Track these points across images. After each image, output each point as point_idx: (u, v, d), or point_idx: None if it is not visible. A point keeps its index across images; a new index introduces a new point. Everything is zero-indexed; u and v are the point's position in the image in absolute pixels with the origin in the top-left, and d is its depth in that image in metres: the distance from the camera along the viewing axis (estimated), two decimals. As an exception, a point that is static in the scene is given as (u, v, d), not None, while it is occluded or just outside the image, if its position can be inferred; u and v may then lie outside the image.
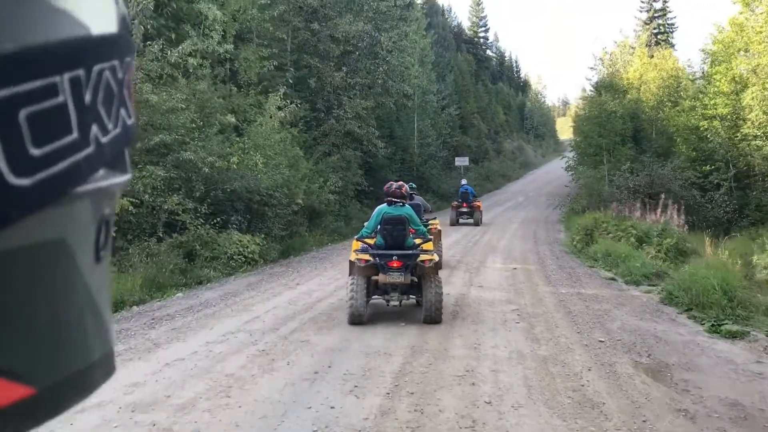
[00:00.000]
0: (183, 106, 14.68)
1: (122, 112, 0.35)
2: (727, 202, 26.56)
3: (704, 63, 31.59)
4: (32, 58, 0.28)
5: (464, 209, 25.55)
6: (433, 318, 8.34)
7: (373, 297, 8.74)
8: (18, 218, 0.27)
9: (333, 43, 27.14)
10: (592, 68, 50.01)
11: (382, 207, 8.77)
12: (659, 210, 22.46)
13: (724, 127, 30.90)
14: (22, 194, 0.27)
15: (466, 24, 79.23)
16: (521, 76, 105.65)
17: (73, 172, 0.30)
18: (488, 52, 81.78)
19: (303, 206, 20.44)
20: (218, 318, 9.26)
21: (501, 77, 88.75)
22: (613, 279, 13.20)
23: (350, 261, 8.68)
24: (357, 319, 8.34)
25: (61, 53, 0.29)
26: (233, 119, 17.77)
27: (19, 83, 0.27)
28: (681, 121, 32.93)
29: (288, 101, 19.92)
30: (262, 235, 16.48)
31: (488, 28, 79.35)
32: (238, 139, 16.15)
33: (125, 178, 0.37)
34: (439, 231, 14.03)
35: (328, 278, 13.08)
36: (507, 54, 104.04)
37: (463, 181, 27.32)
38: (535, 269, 14.40)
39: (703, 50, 31.50)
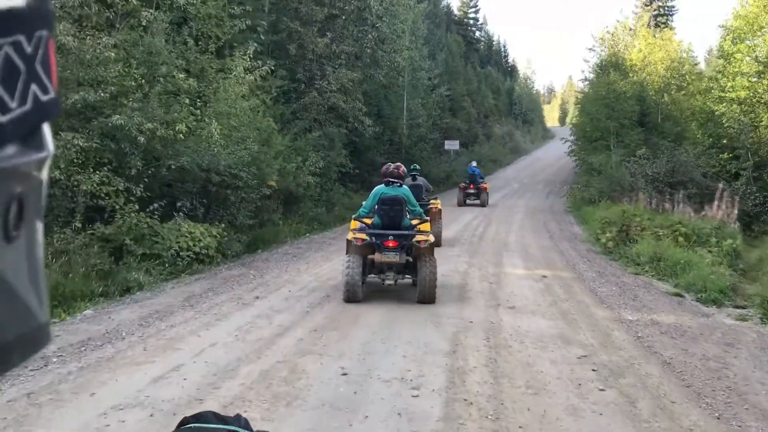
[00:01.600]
0: (114, 54, 10.93)
1: (33, 87, 0.33)
2: (756, 195, 23.20)
3: (724, 39, 28.01)
4: None
5: (471, 190, 25.28)
6: (427, 298, 8.24)
7: (369, 276, 8.60)
8: None
9: (316, 5, 23.33)
10: (590, 49, 46.46)
11: (380, 187, 8.71)
12: (679, 202, 19.09)
13: (743, 111, 27.58)
14: None
15: (455, 4, 75.35)
16: (509, 61, 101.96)
17: None
18: (478, 34, 77.93)
19: (277, 189, 16.79)
20: (113, 370, 5.61)
21: (489, 61, 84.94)
22: (678, 295, 9.71)
23: (347, 240, 8.61)
24: (353, 297, 8.23)
25: None
26: (194, 83, 14.04)
27: None
28: (695, 105, 29.56)
29: (259, 62, 16.18)
30: (223, 225, 12.86)
31: (478, 9, 75.50)
32: (188, 101, 12.43)
33: (41, 155, 0.34)
34: (440, 210, 14.08)
35: (300, 287, 9.47)
36: (495, 38, 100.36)
37: (473, 163, 27.01)
38: (571, 277, 10.88)
39: (723, 26, 27.94)
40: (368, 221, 8.62)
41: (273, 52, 22.34)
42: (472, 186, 25.40)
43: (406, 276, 8.53)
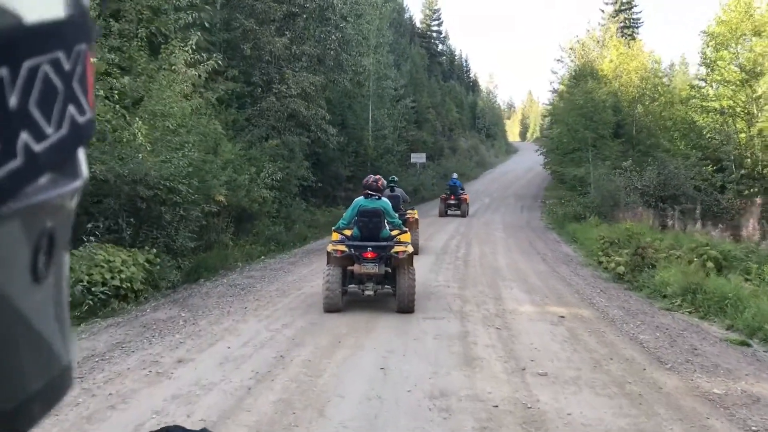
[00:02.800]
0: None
1: (71, 109, 0.30)
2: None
3: (707, 45, 26.23)
4: None
5: (452, 201, 25.63)
6: (406, 308, 8.22)
7: (349, 287, 8.44)
8: None
9: (274, 1, 20.72)
10: (558, 60, 44.81)
11: (359, 199, 8.65)
12: (675, 218, 16.97)
13: (726, 121, 25.81)
14: None
15: (418, 16, 73.42)
16: (471, 75, 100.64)
17: None
18: (441, 47, 76.03)
19: (226, 205, 14.10)
20: None
21: (452, 75, 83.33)
22: (744, 344, 7.30)
23: (327, 251, 8.52)
24: (332, 308, 8.22)
25: None
26: (125, 80, 11.32)
27: None
28: (677, 114, 27.73)
29: (204, 56, 13.50)
30: (155, 250, 10.15)
31: (441, 22, 73.54)
32: (103, 92, 9.71)
33: (76, 183, 0.32)
34: (417, 220, 14.00)
35: (243, 341, 6.78)
36: (457, 52, 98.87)
37: (454, 175, 27.60)
38: (595, 317, 8.40)
39: (705, 32, 26.15)
40: (348, 233, 8.51)
41: (226, 51, 19.67)
42: (453, 197, 25.70)
43: (386, 287, 8.42)
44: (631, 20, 51.62)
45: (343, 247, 8.24)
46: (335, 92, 27.80)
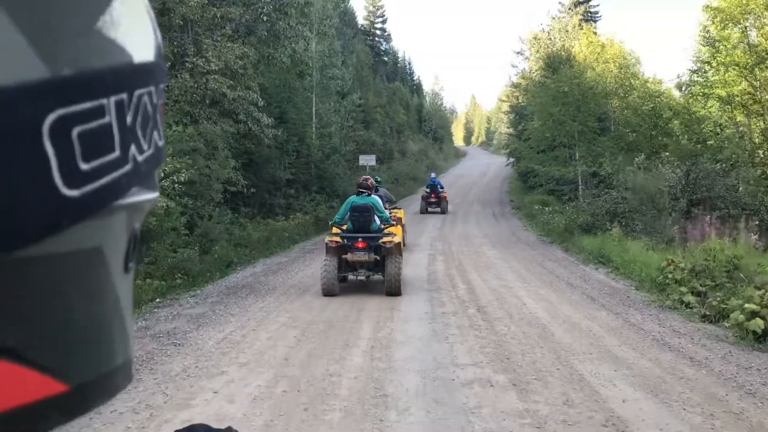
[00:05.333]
0: None
1: (155, 134, 0.36)
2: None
3: (712, 22, 21.86)
4: (86, 81, 0.30)
5: (432, 199, 25.82)
6: (393, 290, 9.05)
7: (344, 273, 9.44)
8: (68, 226, 0.29)
9: (187, -52, 15.19)
10: (518, 53, 40.37)
11: (352, 197, 9.47)
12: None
13: (732, 111, 21.50)
14: (71, 204, 0.29)
15: (361, 13, 68.14)
16: (415, 78, 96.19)
17: (114, 187, 0.31)
18: (385, 45, 71.02)
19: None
20: None
21: (396, 78, 78.60)
22: None
23: (325, 242, 9.26)
24: (330, 292, 9.00)
25: (109, 78, 0.32)
26: None
27: (74, 104, 0.29)
28: (677, 105, 23.30)
29: None
30: None
31: (386, 19, 68.36)
32: None
33: (154, 195, 0.38)
34: (400, 218, 13.81)
35: None
36: (401, 54, 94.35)
37: (432, 174, 28.11)
38: None
39: (707, 7, 21.77)
40: (344, 227, 9.23)
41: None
42: (433, 195, 25.87)
43: (377, 273, 9.27)
44: (589, 13, 47.70)
45: (338, 238, 9.07)
46: (271, 78, 22.38)
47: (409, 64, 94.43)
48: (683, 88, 23.51)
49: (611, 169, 18.33)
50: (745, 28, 21.49)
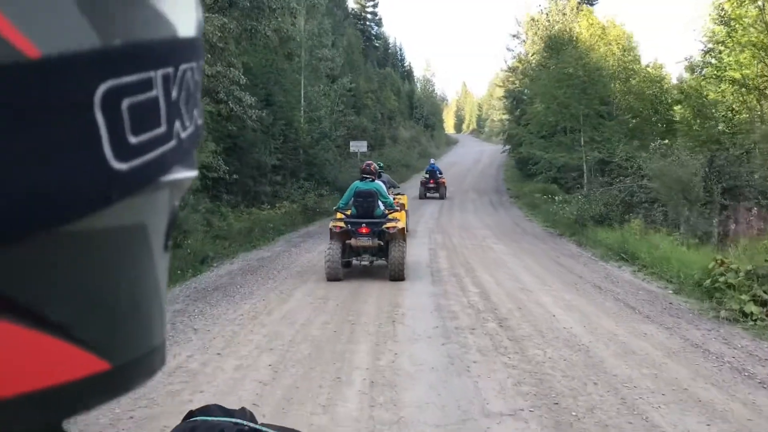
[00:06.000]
0: None
1: (196, 112, 0.35)
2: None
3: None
4: (136, 53, 0.29)
5: (431, 185, 25.88)
6: (397, 275, 8.91)
7: (348, 259, 9.32)
8: (116, 200, 0.29)
9: None
10: (515, 36, 38.68)
11: (356, 182, 9.32)
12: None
13: (753, 93, 19.99)
14: (120, 178, 0.28)
15: (352, -3, 66.01)
16: (406, 65, 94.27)
17: (160, 162, 0.31)
18: (377, 29, 69.00)
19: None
20: None
21: (386, 63, 76.69)
22: None
23: (330, 228, 9.22)
24: (334, 276, 8.91)
25: (158, 51, 0.31)
26: None
27: (123, 75, 0.28)
28: (687, 87, 21.72)
29: None
30: None
31: (377, 3, 66.35)
32: None
33: (194, 173, 0.36)
34: (403, 204, 12.84)
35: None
36: (392, 40, 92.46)
37: (432, 160, 28.52)
38: None
39: (724, -19, 20.17)
40: (348, 212, 9.13)
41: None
42: (432, 181, 25.96)
43: (381, 258, 9.17)
44: (587, -3, 46.04)
45: (342, 224, 8.98)
46: (257, 57, 20.67)
47: (400, 50, 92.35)
48: (695, 71, 21.88)
49: (626, 155, 16.72)
50: (763, 6, 19.95)
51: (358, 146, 32.87)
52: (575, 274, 10.03)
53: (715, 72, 21.05)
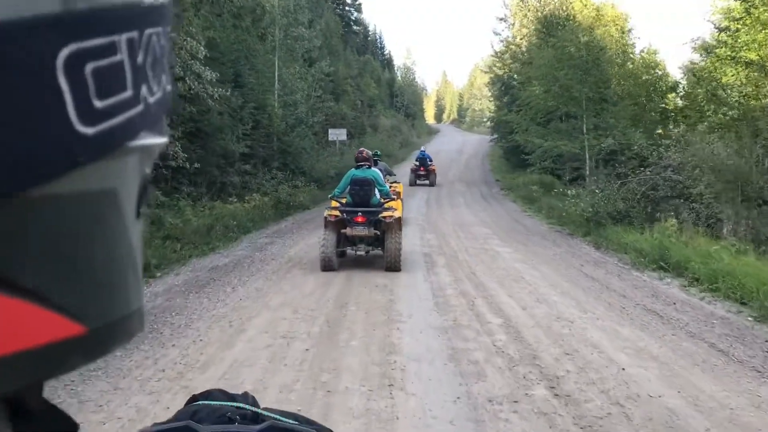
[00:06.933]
0: None
1: (164, 77, 0.35)
2: None
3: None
4: (99, 16, 0.29)
5: (422, 172, 25.87)
6: (393, 265, 8.58)
7: (343, 248, 9.00)
8: (83, 164, 0.29)
9: None
10: (502, 19, 36.35)
11: (352, 170, 9.07)
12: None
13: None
14: (87, 142, 0.28)
15: (331, -19, 63.10)
16: (386, 53, 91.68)
17: (128, 127, 0.31)
18: (356, 15, 66.24)
19: None
20: None
21: (366, 51, 74.11)
22: None
23: (324, 216, 8.81)
24: (328, 266, 8.51)
25: (121, 15, 0.31)
26: None
27: (87, 39, 0.28)
28: (699, 70, 19.55)
29: None
30: None
31: (357, -13, 63.65)
32: None
33: (164, 140, 0.36)
34: (399, 193, 11.76)
35: None
36: (372, 28, 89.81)
37: (422, 148, 28.87)
38: None
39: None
40: (343, 200, 8.84)
41: None
42: (422, 168, 25.93)
43: (377, 248, 8.84)
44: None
45: (336, 212, 8.62)
46: (224, 33, 18.18)
47: (380, 38, 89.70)
48: (709, 51, 19.70)
49: (645, 143, 14.47)
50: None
51: (337, 134, 30.40)
52: (613, 290, 7.77)
53: (730, 53, 18.95)
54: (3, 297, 0.27)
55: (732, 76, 18.91)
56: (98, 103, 0.29)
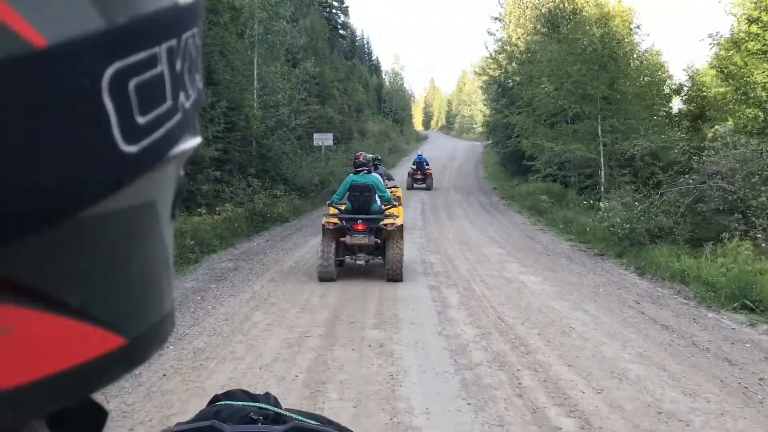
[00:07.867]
0: None
1: (197, 77, 0.34)
2: None
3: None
4: (140, 29, 0.28)
5: (418, 176, 25.85)
6: (395, 276, 8.17)
7: (342, 257, 8.59)
8: (128, 183, 0.28)
9: None
10: (496, 19, 34.17)
11: (351, 175, 8.76)
12: None
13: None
14: (131, 161, 0.28)
15: (317, -17, 60.83)
16: (373, 59, 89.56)
17: (168, 138, 0.30)
18: (344, 18, 63.97)
19: None
20: None
21: (354, 56, 71.93)
22: None
23: (322, 224, 8.43)
24: (326, 276, 8.18)
25: (161, 24, 0.29)
26: None
27: (129, 55, 0.27)
28: (729, 65, 17.37)
29: None
30: None
31: (344, -9, 61.40)
32: None
33: (198, 140, 0.36)
34: (399, 197, 11.61)
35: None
36: (359, 33, 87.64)
37: (419, 152, 28.78)
38: None
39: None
40: (343, 206, 8.49)
41: None
42: (419, 172, 25.81)
43: (378, 257, 8.50)
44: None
45: (336, 220, 8.28)
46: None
47: (368, 43, 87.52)
48: (739, 45, 17.52)
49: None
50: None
51: (323, 139, 27.85)
52: (705, 348, 5.42)
53: (762, 47, 16.80)
54: (52, 316, 0.27)
55: (763, 72, 16.82)
56: (141, 120, 0.28)
